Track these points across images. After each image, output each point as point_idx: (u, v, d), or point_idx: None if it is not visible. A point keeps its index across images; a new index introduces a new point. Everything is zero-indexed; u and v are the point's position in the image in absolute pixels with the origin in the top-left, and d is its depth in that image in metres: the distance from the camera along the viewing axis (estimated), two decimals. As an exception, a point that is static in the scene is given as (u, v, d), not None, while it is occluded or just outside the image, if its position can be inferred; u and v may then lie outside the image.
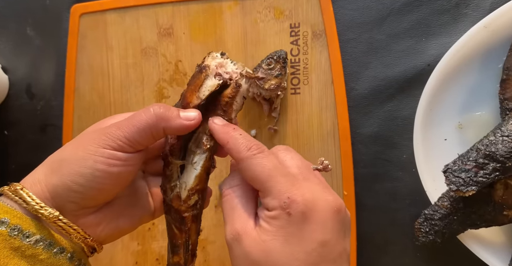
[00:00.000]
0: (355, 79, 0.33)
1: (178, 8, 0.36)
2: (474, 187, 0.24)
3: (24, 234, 0.18)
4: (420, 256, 0.31)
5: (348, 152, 0.32)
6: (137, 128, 0.20)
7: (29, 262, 0.18)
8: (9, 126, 0.40)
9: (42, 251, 0.18)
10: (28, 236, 0.18)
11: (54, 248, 0.19)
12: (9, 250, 0.18)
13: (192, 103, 0.21)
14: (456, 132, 0.30)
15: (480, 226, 0.26)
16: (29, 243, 0.18)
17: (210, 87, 0.22)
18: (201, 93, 0.22)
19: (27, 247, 0.18)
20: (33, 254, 0.18)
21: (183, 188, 0.21)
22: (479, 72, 0.29)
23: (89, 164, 0.19)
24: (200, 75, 0.22)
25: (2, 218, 0.18)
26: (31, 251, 0.18)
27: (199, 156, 0.22)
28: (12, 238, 0.18)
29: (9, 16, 0.41)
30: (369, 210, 0.32)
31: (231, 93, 0.22)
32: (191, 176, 0.21)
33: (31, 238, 0.18)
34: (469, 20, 0.31)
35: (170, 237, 0.22)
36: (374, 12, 0.33)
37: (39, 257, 0.18)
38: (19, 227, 0.18)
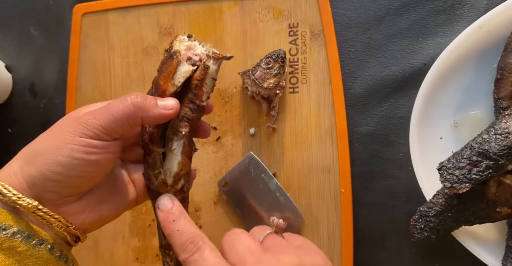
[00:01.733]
0: (352, 79, 0.34)
1: (178, 8, 0.37)
2: (467, 184, 0.24)
3: (0, 227, 0.18)
4: (416, 252, 0.31)
5: (345, 150, 0.33)
6: (114, 117, 0.20)
7: (7, 254, 0.18)
8: (13, 124, 0.41)
9: (20, 243, 0.18)
10: (5, 229, 0.18)
11: (33, 240, 0.19)
12: None
13: (168, 91, 0.21)
14: (451, 131, 0.30)
15: (474, 222, 0.27)
16: (6, 235, 0.18)
17: (185, 74, 0.21)
18: (176, 80, 0.21)
19: (4, 240, 0.18)
20: (10, 247, 0.18)
21: (167, 174, 0.22)
22: (474, 71, 0.30)
23: (66, 152, 0.19)
24: (171, 62, 0.21)
25: None
26: (8, 244, 0.18)
27: (177, 142, 0.22)
28: None
29: (13, 16, 0.41)
30: (366, 207, 0.33)
31: (200, 75, 0.21)
32: (174, 162, 0.22)
33: (8, 230, 0.18)
34: (465, 21, 0.31)
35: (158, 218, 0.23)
36: (372, 13, 0.34)
37: (17, 249, 0.18)
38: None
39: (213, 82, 0.22)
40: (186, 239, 0.20)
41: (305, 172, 0.33)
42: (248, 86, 0.34)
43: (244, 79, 0.34)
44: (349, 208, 0.32)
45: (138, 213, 0.36)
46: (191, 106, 0.22)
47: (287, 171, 0.34)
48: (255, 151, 0.35)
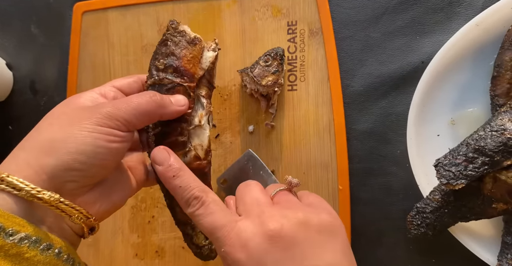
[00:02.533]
0: (350, 76, 0.34)
1: (178, 6, 0.37)
2: (463, 180, 0.25)
3: (7, 233, 0.17)
4: (413, 249, 0.32)
5: (343, 147, 0.33)
6: (137, 111, 0.20)
7: (13, 261, 0.17)
8: (13, 122, 0.41)
9: (28, 249, 0.17)
10: (12, 234, 0.17)
11: (41, 245, 0.18)
12: None
13: (197, 74, 0.24)
14: (448, 128, 0.31)
15: (470, 218, 0.27)
16: (13, 241, 0.17)
17: (210, 59, 0.24)
18: (203, 64, 0.24)
19: (10, 246, 0.17)
20: (17, 253, 0.17)
21: (199, 149, 0.24)
22: (471, 69, 0.30)
23: (89, 141, 0.19)
24: (194, 47, 0.23)
25: None
26: (15, 250, 0.17)
27: (205, 117, 0.24)
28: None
29: (13, 14, 0.41)
30: (363, 204, 0.33)
31: (214, 60, 0.24)
32: (205, 136, 0.24)
33: (15, 236, 0.17)
34: (462, 19, 0.31)
35: None
36: (370, 11, 0.34)
37: (24, 256, 0.17)
38: (0, 225, 0.17)
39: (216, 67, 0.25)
40: (190, 195, 0.21)
41: (303, 169, 0.34)
42: (247, 84, 0.34)
43: (243, 77, 0.35)
44: (347, 205, 0.32)
45: (137, 209, 0.37)
46: (208, 86, 0.25)
47: (285, 168, 0.34)
48: (254, 148, 0.35)
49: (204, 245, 0.26)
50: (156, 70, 0.23)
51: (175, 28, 0.24)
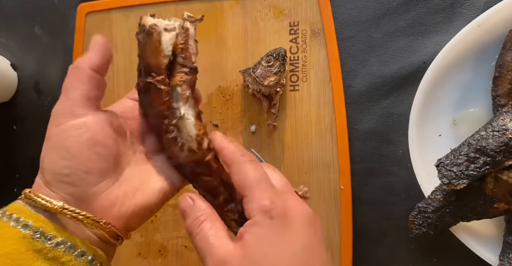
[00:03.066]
0: (352, 77, 0.34)
1: (181, 7, 0.37)
2: (465, 180, 0.25)
3: (46, 237, 0.18)
4: (414, 248, 0.32)
5: (345, 147, 0.33)
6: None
7: (51, 264, 0.18)
8: (18, 121, 0.42)
9: (63, 253, 0.19)
10: (50, 239, 0.18)
11: (75, 251, 0.19)
12: (32, 252, 0.18)
13: (162, 64, 0.21)
14: (450, 128, 0.31)
15: (471, 218, 0.27)
16: (51, 245, 0.18)
17: (170, 41, 0.21)
18: (165, 51, 0.21)
19: (49, 250, 0.18)
20: (55, 257, 0.18)
21: (190, 140, 0.22)
22: (473, 69, 0.30)
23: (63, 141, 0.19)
24: (152, 38, 0.21)
25: (26, 221, 0.18)
26: (52, 254, 0.18)
27: (184, 106, 0.22)
28: (35, 241, 0.18)
29: (18, 15, 0.42)
30: (365, 204, 0.33)
31: (182, 39, 0.22)
32: (190, 126, 0.22)
33: (53, 240, 0.18)
34: (464, 19, 0.32)
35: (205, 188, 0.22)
36: (372, 11, 0.34)
37: (61, 260, 0.18)
38: (41, 229, 0.18)
39: (196, 44, 0.23)
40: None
41: (305, 169, 0.34)
42: (249, 84, 0.35)
43: (245, 77, 0.35)
44: (349, 205, 0.32)
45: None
46: (185, 70, 0.22)
47: (287, 168, 0.34)
48: (256, 148, 0.35)
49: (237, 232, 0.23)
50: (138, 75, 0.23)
51: (139, 24, 0.22)
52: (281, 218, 0.18)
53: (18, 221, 0.18)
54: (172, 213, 0.36)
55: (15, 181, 0.41)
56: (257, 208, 0.19)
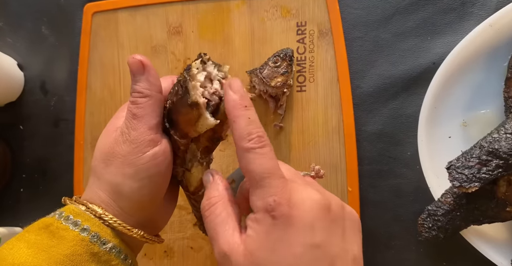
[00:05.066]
0: (360, 77, 0.34)
1: (187, 7, 0.37)
2: (477, 183, 0.24)
3: (102, 241, 0.20)
4: (423, 252, 0.31)
5: (353, 148, 0.33)
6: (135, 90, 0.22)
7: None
8: (24, 121, 0.42)
9: (114, 257, 0.20)
10: (105, 243, 0.20)
11: (122, 255, 0.21)
12: (89, 255, 0.19)
13: (191, 134, 0.22)
14: (460, 130, 0.30)
15: (483, 222, 0.26)
16: (105, 249, 0.20)
17: (208, 126, 0.21)
18: (198, 128, 0.21)
19: (103, 253, 0.20)
20: (107, 260, 0.20)
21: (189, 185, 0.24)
22: (484, 70, 0.29)
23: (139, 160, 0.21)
24: (191, 111, 0.21)
25: (84, 225, 0.20)
26: (106, 257, 0.20)
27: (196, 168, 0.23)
28: (92, 244, 0.20)
29: (25, 15, 0.42)
30: (372, 206, 0.33)
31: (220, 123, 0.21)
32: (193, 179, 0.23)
33: (107, 245, 0.20)
34: (475, 19, 0.31)
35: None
36: (380, 11, 0.33)
37: (111, 263, 0.20)
38: (98, 234, 0.20)
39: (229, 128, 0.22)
40: (254, 130, 0.19)
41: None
42: (255, 85, 0.34)
43: (252, 78, 0.35)
44: (356, 207, 0.32)
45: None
46: (210, 141, 0.23)
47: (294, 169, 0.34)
48: (262, 149, 0.35)
49: None
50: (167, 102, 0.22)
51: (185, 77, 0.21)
52: (284, 220, 0.17)
53: (76, 224, 0.20)
54: (178, 214, 0.36)
55: (22, 180, 0.41)
56: (261, 205, 0.18)
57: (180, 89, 0.21)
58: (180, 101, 0.21)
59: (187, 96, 0.20)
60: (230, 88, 0.20)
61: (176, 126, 0.22)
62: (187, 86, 0.21)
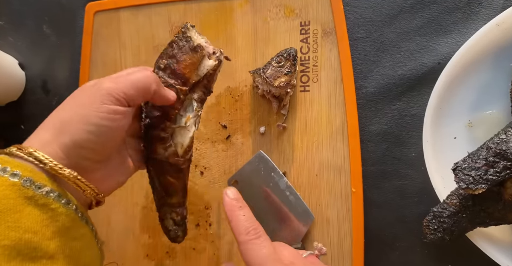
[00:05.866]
0: (364, 77, 0.33)
1: (190, 6, 0.37)
2: (484, 185, 0.24)
3: (36, 186, 0.19)
4: (428, 253, 0.31)
5: (356, 149, 0.32)
6: (133, 84, 0.22)
7: (42, 210, 0.19)
8: (26, 121, 0.41)
9: (53, 201, 0.19)
10: (40, 187, 0.19)
11: (62, 199, 0.20)
12: (23, 199, 0.18)
13: (192, 79, 0.25)
14: (465, 130, 0.30)
15: (489, 224, 0.26)
16: (41, 193, 0.19)
17: (209, 67, 0.25)
18: (200, 71, 0.25)
19: (39, 197, 0.19)
20: (45, 203, 0.19)
21: (179, 147, 0.26)
22: (490, 70, 0.29)
23: (94, 121, 0.21)
24: (195, 54, 0.25)
25: (14, 171, 0.19)
26: (43, 201, 0.19)
27: (192, 120, 0.26)
28: (25, 188, 0.19)
29: (26, 14, 0.42)
30: (377, 207, 0.32)
31: (215, 68, 0.26)
32: (186, 137, 0.26)
33: (43, 188, 0.19)
34: (481, 19, 0.31)
35: (166, 186, 0.27)
36: (385, 10, 0.33)
37: (51, 206, 0.19)
38: (31, 179, 0.19)
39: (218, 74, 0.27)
40: (250, 225, 0.23)
41: (315, 171, 0.33)
42: (258, 85, 0.34)
43: (255, 78, 0.34)
44: (360, 208, 0.32)
45: (148, 210, 0.37)
46: (204, 90, 0.27)
47: (297, 169, 0.34)
48: (265, 149, 0.34)
49: (170, 229, 0.29)
50: (158, 68, 0.25)
51: (183, 32, 0.25)
52: None
53: (5, 171, 0.19)
54: (180, 215, 0.36)
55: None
56: None
57: (180, 42, 0.25)
58: (181, 51, 0.25)
59: (190, 43, 0.25)
60: (227, 195, 0.25)
61: (177, 76, 0.25)
62: (189, 35, 0.25)
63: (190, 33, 0.25)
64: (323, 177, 0.33)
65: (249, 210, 0.24)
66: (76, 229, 0.20)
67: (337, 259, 0.32)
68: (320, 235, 0.32)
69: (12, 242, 0.17)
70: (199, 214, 0.36)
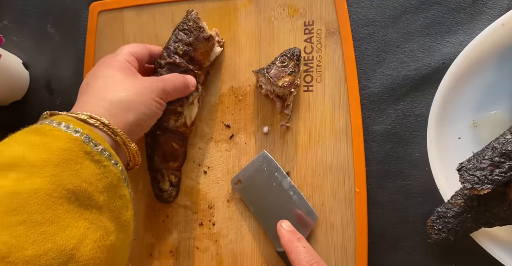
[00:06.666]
0: (368, 77, 0.33)
1: (193, 6, 0.37)
2: (489, 185, 0.24)
3: (93, 143, 0.22)
4: (432, 254, 0.31)
5: (360, 149, 0.32)
6: (177, 89, 0.30)
7: (97, 165, 0.21)
8: (30, 120, 0.41)
9: (105, 159, 0.22)
10: (96, 145, 0.22)
11: (112, 159, 0.23)
12: (83, 153, 0.21)
13: (205, 64, 0.33)
14: (470, 130, 0.30)
15: (494, 224, 0.26)
16: (97, 150, 0.22)
17: (217, 53, 0.34)
18: (211, 57, 0.34)
19: (95, 153, 0.21)
20: (99, 160, 0.22)
21: (187, 119, 0.33)
22: (495, 70, 0.29)
23: (152, 107, 0.27)
24: (207, 43, 0.32)
25: (76, 128, 0.22)
26: (98, 157, 0.22)
27: (196, 99, 0.33)
28: (85, 144, 0.21)
29: (30, 14, 0.42)
30: (381, 207, 0.32)
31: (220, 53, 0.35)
32: (193, 110, 0.34)
33: (98, 146, 0.22)
34: (486, 18, 0.31)
35: (171, 151, 0.34)
36: (389, 10, 0.33)
37: (103, 163, 0.22)
38: (89, 136, 0.22)
39: None
40: (311, 257, 0.26)
41: (319, 171, 0.33)
42: (262, 85, 0.34)
43: (259, 78, 0.34)
44: (364, 208, 0.32)
45: (151, 209, 0.37)
46: (206, 74, 0.35)
47: (300, 169, 0.34)
48: (269, 149, 0.34)
49: (167, 190, 0.34)
50: (175, 53, 0.31)
51: (196, 22, 0.31)
52: None
53: (68, 127, 0.21)
54: (184, 214, 0.36)
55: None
56: None
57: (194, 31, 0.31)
58: (197, 40, 0.31)
59: (204, 33, 0.31)
60: (282, 227, 0.29)
61: (195, 62, 0.32)
62: (201, 25, 0.31)
63: (202, 24, 0.31)
64: (327, 177, 0.33)
65: (307, 241, 0.27)
66: (120, 189, 0.23)
67: (341, 259, 0.32)
68: (323, 235, 0.32)
69: (74, 188, 0.20)
70: (202, 213, 0.36)
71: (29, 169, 0.19)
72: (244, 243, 0.34)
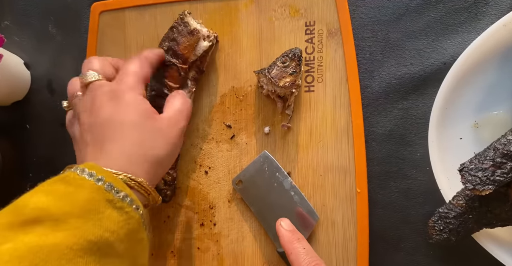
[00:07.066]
0: (370, 78, 0.33)
1: (195, 6, 0.37)
2: (491, 186, 0.24)
3: (115, 190, 0.22)
4: (433, 254, 0.31)
5: (361, 149, 0.32)
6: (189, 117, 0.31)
7: (119, 212, 0.22)
8: (31, 121, 0.42)
9: (127, 205, 0.22)
10: (118, 192, 0.22)
11: (134, 204, 0.23)
12: (105, 201, 0.21)
13: (190, 59, 0.32)
14: (471, 131, 0.30)
15: (496, 225, 0.26)
16: (119, 197, 0.22)
17: (204, 48, 0.32)
18: (197, 51, 0.32)
19: (117, 201, 0.22)
20: (121, 207, 0.22)
21: None
22: (497, 71, 0.29)
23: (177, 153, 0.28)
24: (192, 37, 0.31)
25: (99, 176, 0.22)
26: (120, 204, 0.22)
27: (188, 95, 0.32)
28: (107, 192, 0.22)
29: (32, 14, 0.42)
30: (382, 208, 0.32)
31: (209, 48, 0.33)
32: None
33: (120, 193, 0.22)
34: (488, 19, 0.31)
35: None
36: (390, 11, 0.33)
37: (125, 210, 0.22)
38: (112, 184, 0.22)
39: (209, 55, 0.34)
40: (312, 259, 0.25)
41: (320, 171, 0.33)
42: (263, 85, 0.34)
43: (260, 78, 0.34)
44: (365, 208, 0.32)
45: (153, 210, 0.37)
46: (197, 70, 0.33)
47: (301, 170, 0.34)
48: (270, 149, 0.34)
49: (161, 189, 0.33)
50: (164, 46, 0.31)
51: (182, 19, 0.31)
52: None
53: (91, 175, 0.22)
54: (185, 214, 0.36)
55: (28, 179, 0.41)
56: None
57: (179, 27, 0.31)
58: (180, 34, 0.31)
59: (188, 27, 0.31)
60: (282, 226, 0.28)
61: (178, 56, 0.31)
62: (186, 20, 0.31)
63: (187, 19, 0.31)
64: (328, 177, 0.33)
65: (307, 242, 0.26)
66: (139, 233, 0.23)
67: (342, 259, 0.32)
68: (324, 236, 0.32)
69: (96, 238, 0.20)
70: (203, 213, 0.36)
71: (53, 222, 0.19)
72: (245, 243, 0.34)
